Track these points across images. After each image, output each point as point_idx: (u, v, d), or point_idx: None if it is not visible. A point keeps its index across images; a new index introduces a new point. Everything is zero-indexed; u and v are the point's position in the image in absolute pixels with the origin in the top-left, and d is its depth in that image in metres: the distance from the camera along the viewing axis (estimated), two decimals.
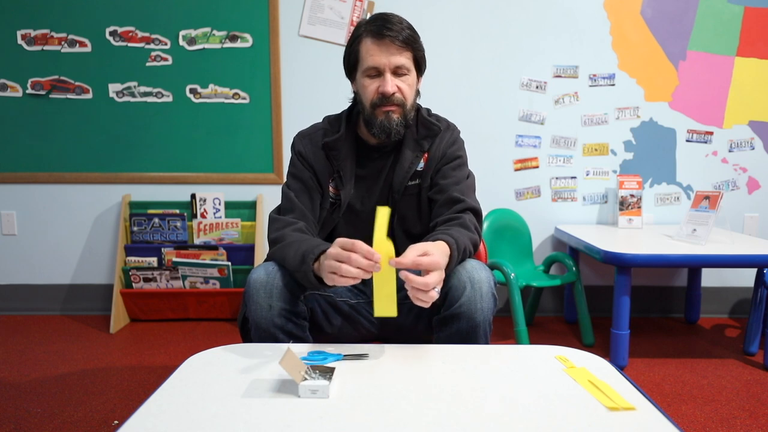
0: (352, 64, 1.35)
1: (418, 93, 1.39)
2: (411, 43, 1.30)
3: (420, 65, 1.35)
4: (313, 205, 1.37)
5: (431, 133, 1.39)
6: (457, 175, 1.38)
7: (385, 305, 1.06)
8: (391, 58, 1.28)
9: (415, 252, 1.07)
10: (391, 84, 1.28)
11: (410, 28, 1.32)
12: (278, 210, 1.37)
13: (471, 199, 1.35)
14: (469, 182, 1.40)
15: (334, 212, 1.39)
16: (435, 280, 1.06)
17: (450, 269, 1.18)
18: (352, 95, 1.42)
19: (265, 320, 1.20)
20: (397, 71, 1.30)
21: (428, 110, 1.46)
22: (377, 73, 1.30)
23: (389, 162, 1.40)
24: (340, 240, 1.09)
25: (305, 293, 1.26)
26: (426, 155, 1.40)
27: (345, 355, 1.07)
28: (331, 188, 1.39)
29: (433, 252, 1.09)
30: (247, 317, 1.26)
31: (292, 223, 1.30)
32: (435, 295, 1.07)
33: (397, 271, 1.07)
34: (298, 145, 1.41)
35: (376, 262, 1.03)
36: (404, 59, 1.29)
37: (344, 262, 1.05)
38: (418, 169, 1.39)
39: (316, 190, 1.37)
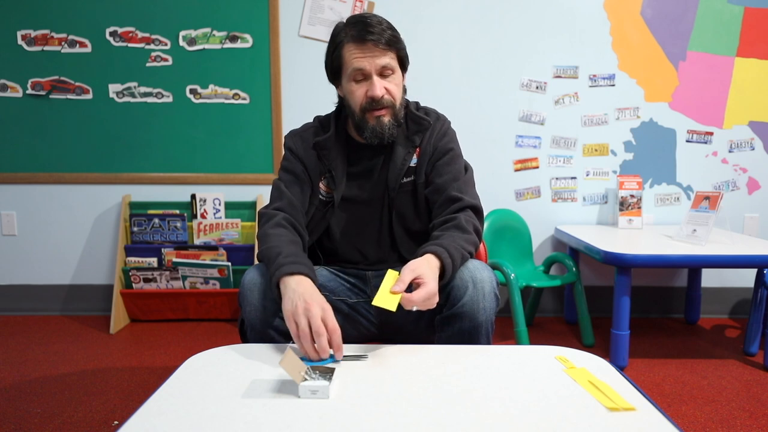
0: (335, 69, 1.34)
1: (404, 90, 1.39)
2: (394, 43, 1.29)
3: (404, 63, 1.35)
4: (303, 196, 1.37)
5: (421, 127, 1.39)
6: (452, 170, 1.37)
7: (386, 299, 1.07)
8: (376, 60, 1.27)
9: (410, 276, 1.09)
10: (379, 87, 1.28)
11: (391, 28, 1.31)
12: (267, 204, 1.38)
13: (469, 196, 1.34)
14: (467, 177, 1.39)
15: (328, 211, 1.39)
16: (426, 294, 1.09)
17: (445, 279, 1.17)
18: (338, 100, 1.42)
19: (260, 321, 1.20)
20: (383, 72, 1.29)
21: (416, 104, 1.44)
22: (363, 76, 1.29)
23: (381, 160, 1.40)
24: (312, 317, 1.04)
25: None
26: (418, 150, 1.39)
27: (344, 356, 1.07)
28: (323, 186, 1.39)
29: (426, 279, 1.09)
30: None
31: (273, 215, 1.30)
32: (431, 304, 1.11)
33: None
34: (289, 142, 1.41)
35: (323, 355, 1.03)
36: (389, 59, 1.29)
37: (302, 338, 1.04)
38: (411, 165, 1.39)
39: (307, 183, 1.38)
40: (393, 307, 1.06)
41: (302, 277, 1.13)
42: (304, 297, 1.07)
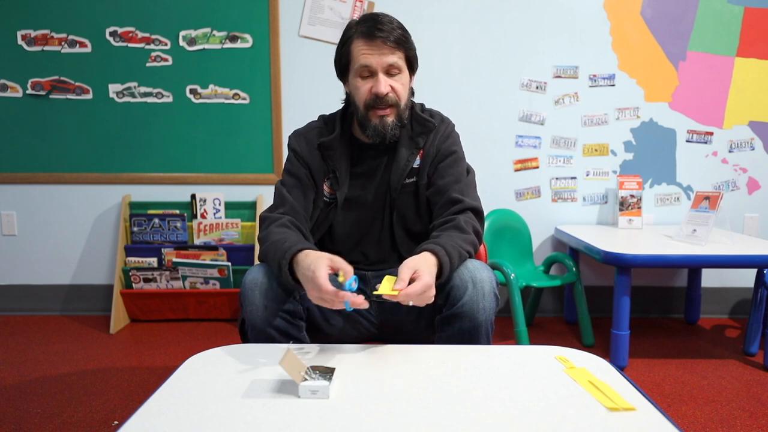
0: (344, 65, 1.35)
1: (412, 92, 1.39)
2: (402, 43, 1.29)
3: (412, 64, 1.35)
4: (306, 201, 1.37)
5: (426, 129, 1.39)
6: (454, 172, 1.37)
7: (388, 290, 1.07)
8: (383, 58, 1.27)
9: (408, 272, 1.09)
10: (384, 84, 1.28)
11: (401, 27, 1.31)
12: (269, 208, 1.37)
13: (470, 198, 1.34)
14: (469, 179, 1.39)
15: (330, 212, 1.39)
16: (421, 287, 1.09)
17: (443, 277, 1.18)
18: (345, 96, 1.42)
19: (261, 321, 1.20)
20: (390, 71, 1.29)
21: (422, 105, 1.45)
22: (369, 73, 1.29)
23: (384, 160, 1.40)
24: (324, 285, 1.07)
25: (301, 293, 1.26)
26: (421, 152, 1.39)
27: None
28: (326, 187, 1.39)
29: (422, 274, 1.09)
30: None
31: (278, 218, 1.30)
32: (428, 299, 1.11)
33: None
34: (293, 143, 1.41)
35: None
36: (396, 58, 1.29)
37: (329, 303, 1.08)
38: (414, 166, 1.39)
39: (310, 187, 1.37)
40: (396, 292, 1.06)
41: (309, 251, 1.15)
42: (311, 268, 1.09)
